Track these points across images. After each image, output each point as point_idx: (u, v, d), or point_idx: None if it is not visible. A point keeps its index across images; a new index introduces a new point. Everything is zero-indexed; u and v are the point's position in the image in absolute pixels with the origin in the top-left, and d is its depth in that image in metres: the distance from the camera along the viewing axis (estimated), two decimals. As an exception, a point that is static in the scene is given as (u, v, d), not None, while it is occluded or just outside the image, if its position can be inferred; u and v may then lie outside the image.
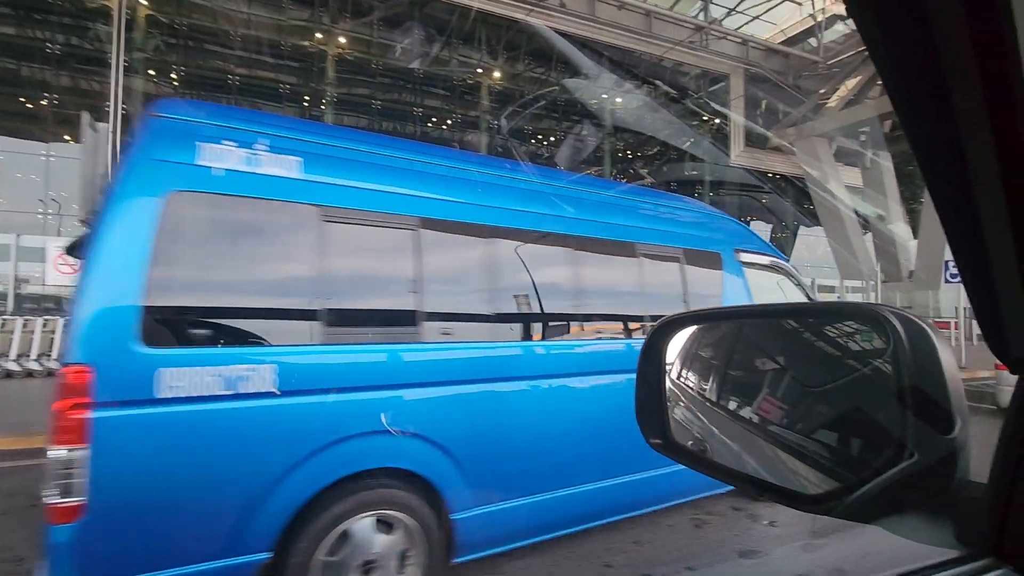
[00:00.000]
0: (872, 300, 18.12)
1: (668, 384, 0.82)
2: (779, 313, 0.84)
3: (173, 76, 17.30)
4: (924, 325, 0.51)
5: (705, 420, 0.82)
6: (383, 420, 2.21)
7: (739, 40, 16.15)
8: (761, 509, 3.69)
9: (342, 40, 16.04)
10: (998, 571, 0.49)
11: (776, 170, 16.41)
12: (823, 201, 14.60)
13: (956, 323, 13.40)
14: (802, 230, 25.13)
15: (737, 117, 16.04)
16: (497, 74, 17.72)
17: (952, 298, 14.46)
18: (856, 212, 15.55)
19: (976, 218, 0.42)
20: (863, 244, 14.60)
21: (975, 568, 0.50)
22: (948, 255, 10.45)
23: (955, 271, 9.38)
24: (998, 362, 0.49)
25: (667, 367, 0.81)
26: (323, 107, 17.22)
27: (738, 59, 16.13)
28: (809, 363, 0.73)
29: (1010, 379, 0.50)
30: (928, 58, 0.36)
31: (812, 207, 16.73)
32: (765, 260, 3.99)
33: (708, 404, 0.83)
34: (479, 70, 17.27)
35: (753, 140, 16.92)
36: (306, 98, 18.30)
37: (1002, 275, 0.43)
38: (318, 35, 15.80)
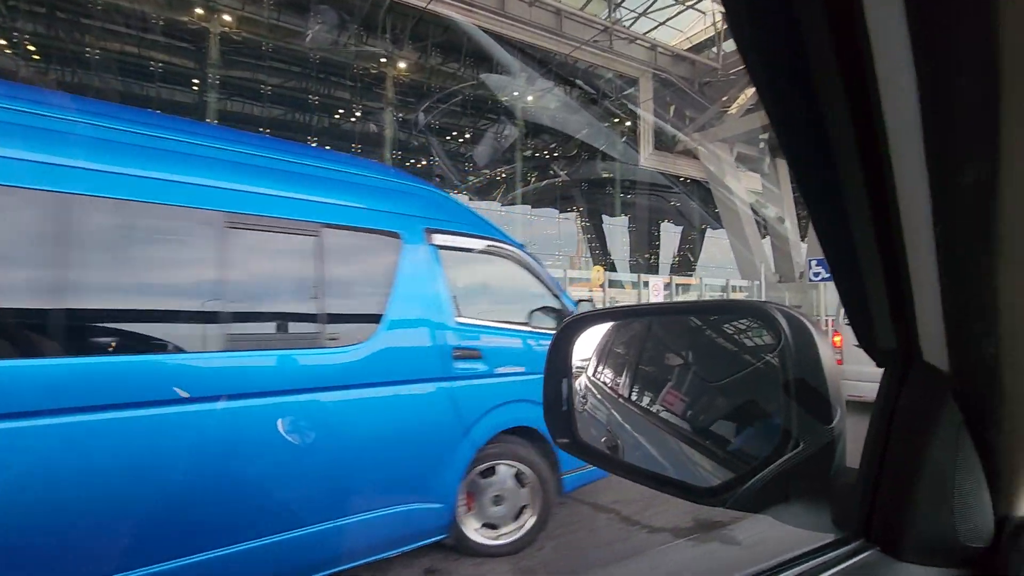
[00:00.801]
0: (759, 298, 19.04)
1: (583, 382, 0.87)
2: (680, 310, 0.86)
3: (31, 48, 14.93)
4: (805, 321, 0.55)
5: (618, 416, 0.85)
6: None
7: (648, 45, 16.39)
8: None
9: (227, 18, 14.50)
10: (867, 552, 0.53)
11: (684, 173, 16.85)
12: (725, 203, 15.11)
13: (832, 320, 14.24)
14: (717, 233, 26.29)
15: (646, 120, 16.27)
16: (402, 65, 16.83)
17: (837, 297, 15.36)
18: (756, 215, 16.28)
19: (844, 216, 0.44)
20: (761, 246, 15.28)
21: (848, 551, 0.54)
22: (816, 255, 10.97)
23: (817, 271, 9.66)
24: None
25: (573, 366, 0.80)
26: (205, 90, 15.50)
27: (647, 63, 16.36)
28: (709, 358, 0.77)
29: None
30: (795, 61, 0.38)
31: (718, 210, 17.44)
32: (478, 244, 2.99)
33: (621, 400, 0.86)
34: (382, 59, 16.30)
35: (662, 143, 17.26)
36: (194, 81, 16.46)
37: (868, 271, 0.47)
38: (199, 11, 14.16)
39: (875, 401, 0.54)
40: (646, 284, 16.69)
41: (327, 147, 17.53)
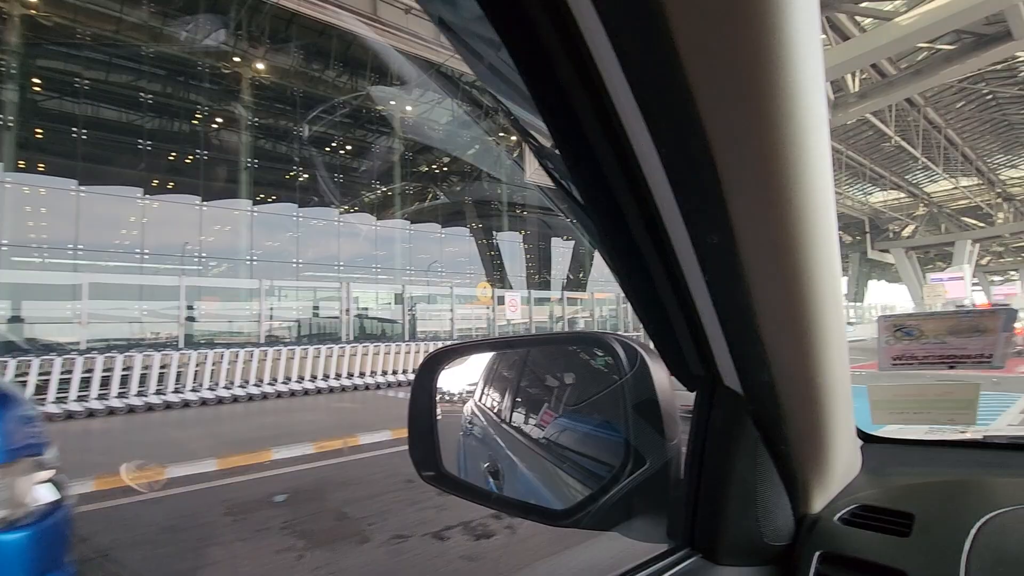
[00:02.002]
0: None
1: (470, 407, 0.93)
2: (534, 342, 1.00)
3: None
4: (638, 348, 0.61)
5: (500, 440, 0.87)
6: None
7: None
8: None
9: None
10: (691, 560, 0.59)
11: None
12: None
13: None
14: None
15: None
16: (260, 66, 15.23)
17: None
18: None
19: (642, 267, 0.49)
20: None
21: (675, 559, 0.59)
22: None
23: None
24: None
25: (439, 397, 0.82)
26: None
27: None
28: (573, 383, 0.81)
29: None
30: (581, 149, 0.41)
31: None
32: None
33: (503, 424, 0.88)
34: (236, 59, 14.61)
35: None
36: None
37: (671, 311, 0.51)
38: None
39: (691, 420, 0.60)
40: (501, 300, 16.55)
41: (162, 151, 15.39)
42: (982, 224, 29.65)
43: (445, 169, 23.11)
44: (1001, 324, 0.60)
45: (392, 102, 18.31)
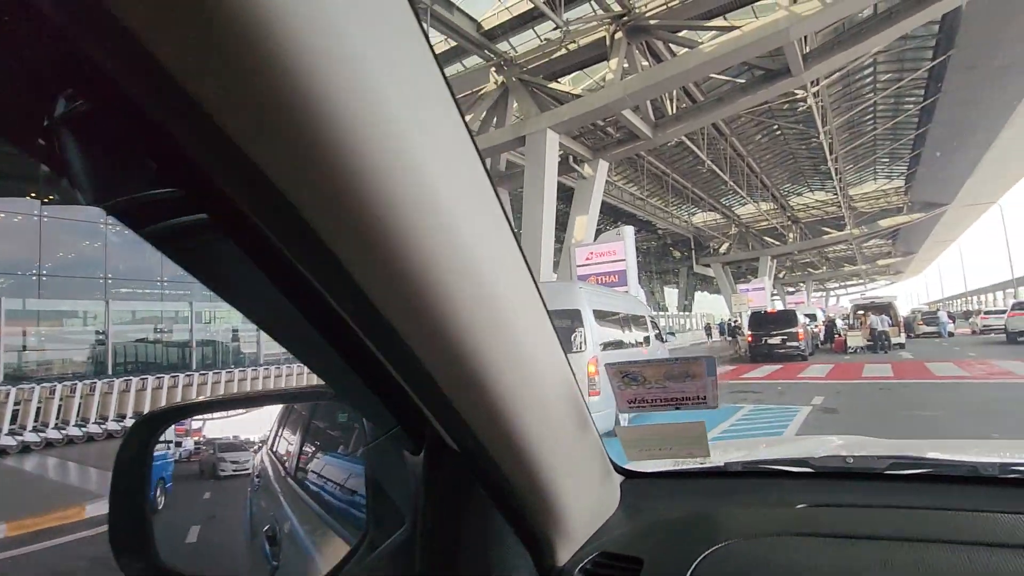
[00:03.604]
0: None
1: (261, 456, 0.83)
2: (272, 398, 0.90)
3: None
4: (375, 407, 0.60)
5: (283, 499, 0.83)
6: None
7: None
8: None
9: None
10: None
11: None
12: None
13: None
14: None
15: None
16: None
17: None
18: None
19: (354, 352, 0.47)
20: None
21: None
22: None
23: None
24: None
25: (152, 468, 0.74)
26: None
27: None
28: (338, 441, 0.81)
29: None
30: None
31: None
32: None
33: (287, 480, 0.84)
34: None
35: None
36: None
37: (376, 372, 0.49)
38: None
39: (417, 486, 0.59)
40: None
41: None
42: (778, 243, 34.70)
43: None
44: (705, 370, 0.66)
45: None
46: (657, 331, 9.64)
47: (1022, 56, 15.34)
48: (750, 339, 16.72)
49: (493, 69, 14.36)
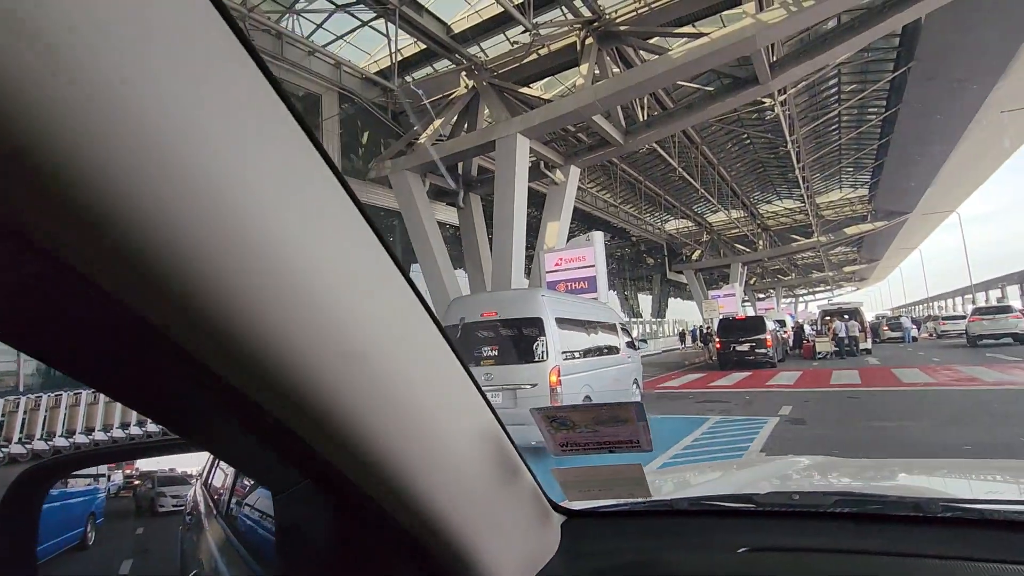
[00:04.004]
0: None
1: (195, 491, 0.86)
2: (148, 451, 0.85)
3: None
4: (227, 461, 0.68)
5: (211, 540, 0.80)
6: None
7: (332, 62, 14.88)
8: None
9: None
10: None
11: (377, 203, 15.65)
12: (418, 235, 14.36)
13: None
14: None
15: (331, 144, 14.59)
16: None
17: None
18: (454, 248, 16.01)
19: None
20: (455, 280, 14.96)
21: None
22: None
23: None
24: None
25: (38, 530, 0.69)
26: None
27: (331, 81, 14.79)
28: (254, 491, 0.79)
29: None
30: None
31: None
32: None
33: (217, 520, 0.80)
34: None
35: (353, 171, 15.77)
36: None
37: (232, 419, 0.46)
38: None
39: (276, 523, 0.59)
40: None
41: None
42: (748, 250, 35.26)
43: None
44: (635, 416, 0.64)
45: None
46: (629, 339, 9.50)
47: (979, 68, 15.87)
48: (719, 346, 16.63)
49: (463, 73, 14.17)
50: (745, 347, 15.87)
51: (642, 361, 10.27)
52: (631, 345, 9.36)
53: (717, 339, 16.87)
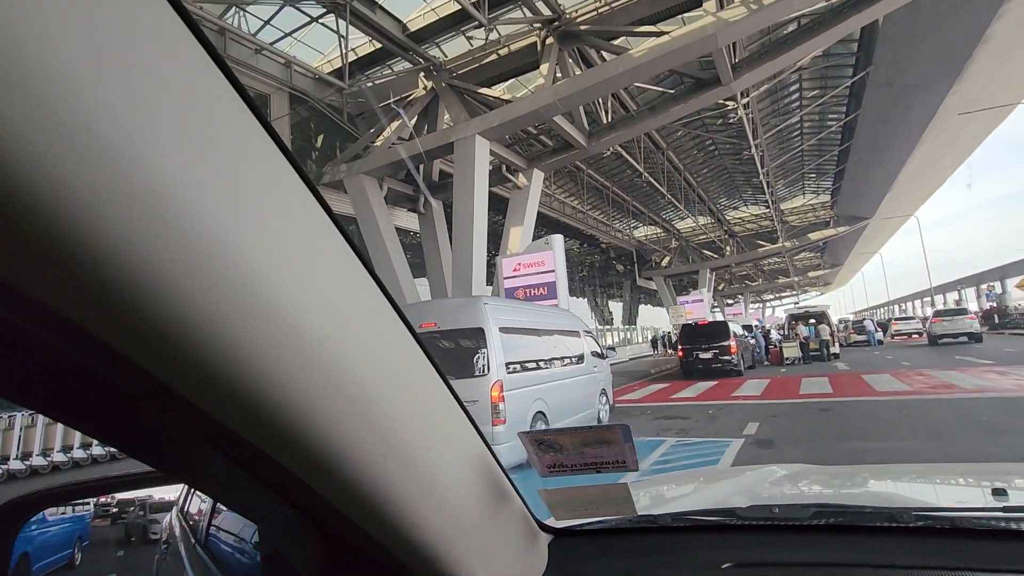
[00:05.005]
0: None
1: (171, 519, 0.85)
2: (122, 486, 0.84)
3: None
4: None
5: (190, 570, 0.80)
6: None
7: (282, 60, 14.17)
8: None
9: None
10: None
11: (333, 209, 14.90)
12: (373, 241, 13.69)
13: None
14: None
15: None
16: None
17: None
18: (412, 255, 15.37)
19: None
20: (413, 286, 14.33)
21: None
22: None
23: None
24: None
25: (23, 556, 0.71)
26: None
27: (281, 81, 14.06)
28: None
29: None
30: None
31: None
32: None
33: (196, 549, 0.80)
34: None
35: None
36: None
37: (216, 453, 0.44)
38: None
39: (261, 554, 0.58)
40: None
41: None
42: (716, 256, 35.50)
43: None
44: (621, 437, 0.65)
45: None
46: (596, 348, 9.00)
47: (934, 73, 16.09)
48: (680, 354, 15.85)
49: (422, 74, 13.64)
50: (709, 355, 14.99)
51: (611, 370, 9.79)
52: (598, 355, 8.87)
53: (679, 346, 16.05)
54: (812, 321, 19.48)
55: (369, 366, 0.40)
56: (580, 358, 7.93)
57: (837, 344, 19.07)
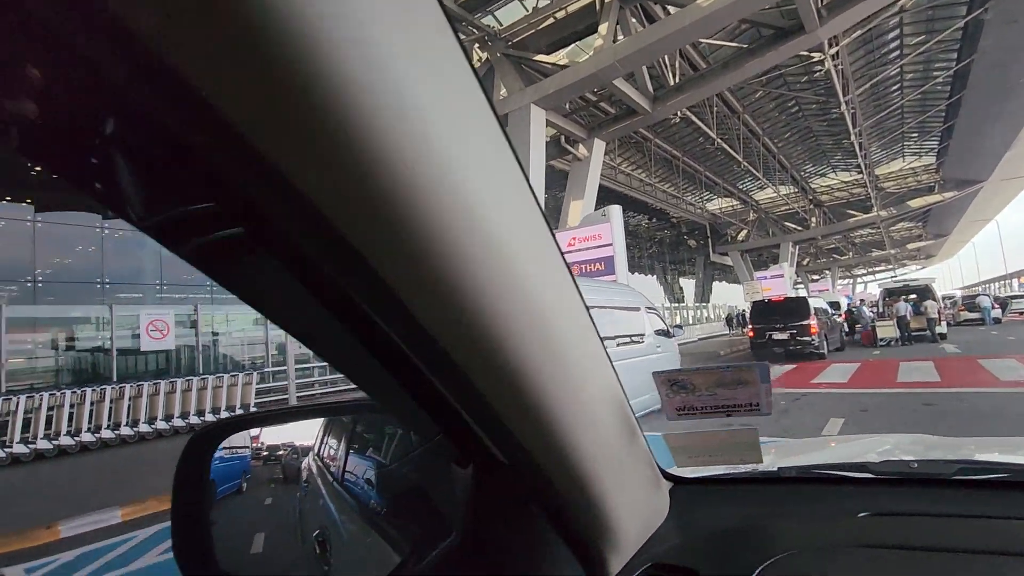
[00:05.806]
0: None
1: (308, 461, 0.86)
2: (302, 413, 0.87)
3: None
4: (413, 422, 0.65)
5: (331, 504, 0.86)
6: None
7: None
8: None
9: None
10: None
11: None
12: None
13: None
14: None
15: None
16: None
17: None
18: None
19: (393, 360, 0.47)
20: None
21: None
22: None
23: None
24: None
25: (211, 481, 0.77)
26: None
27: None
28: (388, 449, 0.82)
29: None
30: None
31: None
32: None
33: (333, 485, 0.86)
34: None
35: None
36: None
37: (428, 394, 0.50)
38: None
39: (464, 496, 0.60)
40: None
41: None
42: (800, 228, 32.86)
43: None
44: (759, 377, 0.64)
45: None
46: (662, 326, 8.37)
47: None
48: (751, 334, 14.14)
49: (476, 45, 13.22)
50: (785, 335, 12.97)
51: (679, 350, 9.10)
52: (663, 333, 8.25)
53: (750, 325, 14.35)
54: (913, 297, 17.42)
55: (556, 308, 0.46)
56: (642, 336, 7.38)
57: (944, 323, 16.80)
